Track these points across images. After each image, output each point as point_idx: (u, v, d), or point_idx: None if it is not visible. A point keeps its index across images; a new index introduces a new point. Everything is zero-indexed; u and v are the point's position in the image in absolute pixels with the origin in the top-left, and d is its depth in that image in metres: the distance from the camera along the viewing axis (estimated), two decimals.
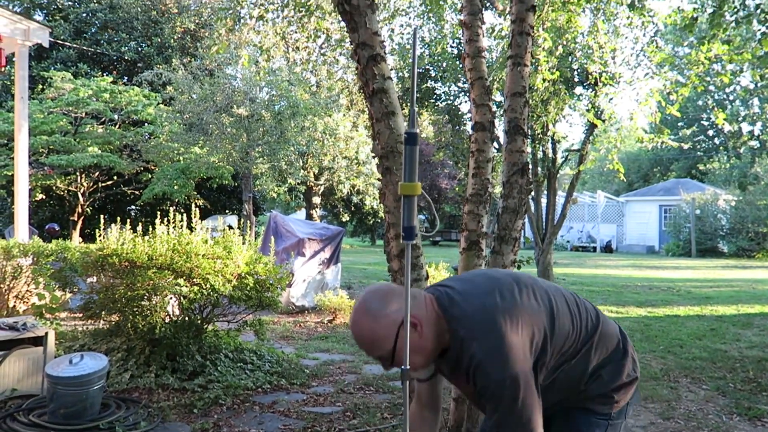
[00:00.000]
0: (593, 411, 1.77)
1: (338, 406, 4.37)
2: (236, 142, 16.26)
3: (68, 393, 3.65)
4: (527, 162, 3.02)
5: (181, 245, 4.88)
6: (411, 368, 1.60)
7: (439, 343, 1.63)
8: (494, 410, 1.56)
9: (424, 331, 1.59)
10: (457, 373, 1.64)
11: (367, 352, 1.63)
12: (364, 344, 1.62)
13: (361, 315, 1.61)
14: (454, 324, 1.61)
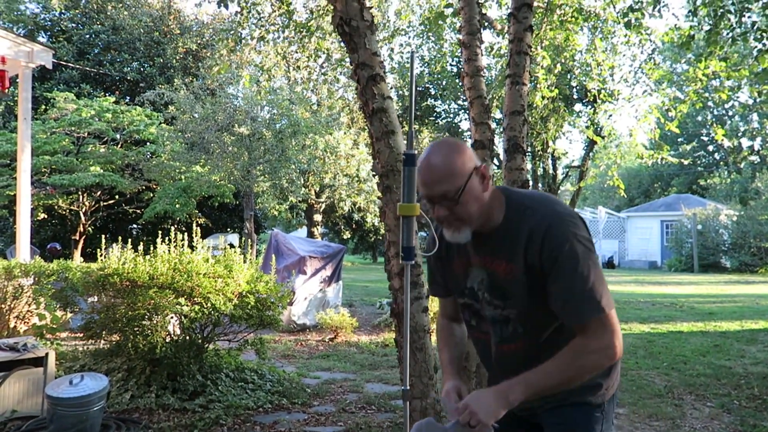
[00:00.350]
0: (587, 403, 1.71)
1: (340, 425, 4.34)
2: (237, 160, 16.33)
3: (68, 414, 3.63)
4: (527, 179, 3.04)
5: (182, 264, 4.88)
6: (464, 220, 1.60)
7: (487, 216, 1.64)
8: (558, 275, 1.54)
9: (487, 187, 1.63)
10: (501, 251, 1.63)
11: (436, 184, 1.59)
12: (438, 173, 1.58)
13: (441, 146, 1.63)
14: (517, 197, 1.66)
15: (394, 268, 2.90)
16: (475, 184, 1.59)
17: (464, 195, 1.57)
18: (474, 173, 1.59)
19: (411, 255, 1.43)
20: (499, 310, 1.65)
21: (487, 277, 1.68)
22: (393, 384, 5.55)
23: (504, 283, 1.63)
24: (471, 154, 1.64)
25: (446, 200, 1.58)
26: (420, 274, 2.92)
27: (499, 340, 1.69)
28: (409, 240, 1.42)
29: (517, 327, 1.64)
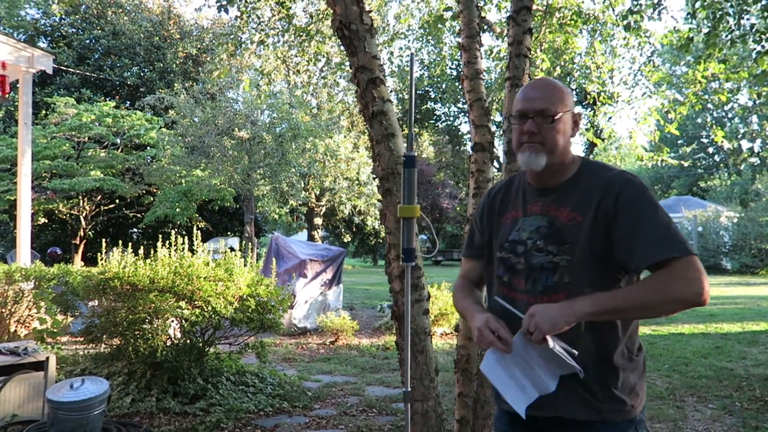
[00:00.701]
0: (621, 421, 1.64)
1: (341, 429, 4.33)
2: (238, 164, 16.36)
3: (69, 418, 3.63)
4: None
5: (183, 268, 4.88)
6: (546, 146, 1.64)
7: (560, 165, 1.69)
8: (639, 217, 1.56)
9: (573, 134, 1.71)
10: (568, 200, 1.66)
11: (540, 99, 1.66)
12: (546, 91, 1.69)
13: (553, 79, 1.75)
14: (591, 161, 1.74)
15: (395, 270, 2.90)
16: (569, 122, 1.69)
17: (559, 121, 1.65)
18: (572, 113, 1.70)
19: (412, 257, 1.43)
20: (551, 257, 1.64)
21: (546, 224, 1.68)
22: (394, 387, 5.54)
23: (564, 229, 1.64)
24: (573, 100, 1.73)
25: (541, 117, 1.65)
26: (420, 276, 2.92)
27: (541, 290, 1.64)
28: (409, 242, 1.42)
29: (564, 276, 1.62)
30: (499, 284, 1.76)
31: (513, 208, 1.79)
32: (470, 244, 1.94)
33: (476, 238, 1.90)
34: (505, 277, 1.74)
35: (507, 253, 1.74)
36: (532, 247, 1.68)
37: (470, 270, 1.94)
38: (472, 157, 3.42)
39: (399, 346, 2.98)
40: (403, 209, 1.47)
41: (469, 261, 1.95)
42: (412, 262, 1.40)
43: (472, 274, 1.93)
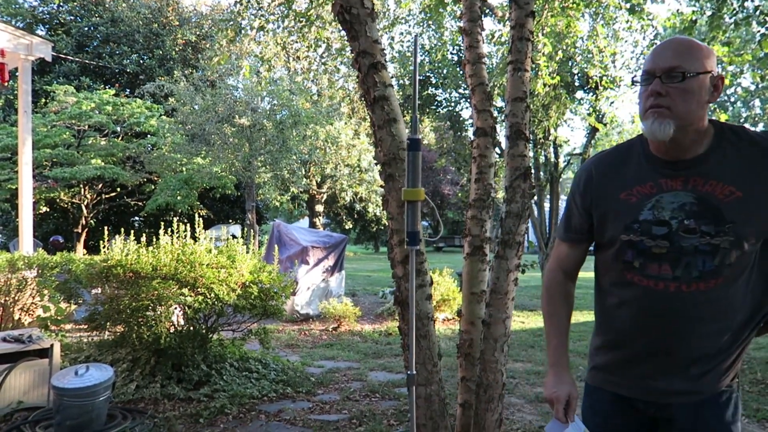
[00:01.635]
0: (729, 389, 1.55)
1: (344, 413, 4.36)
2: (238, 151, 16.32)
3: (74, 404, 3.65)
4: (529, 166, 3.03)
5: (185, 255, 4.89)
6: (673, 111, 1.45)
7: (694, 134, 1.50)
8: None
9: (712, 100, 1.50)
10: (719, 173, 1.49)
11: (672, 56, 1.46)
12: (681, 47, 1.47)
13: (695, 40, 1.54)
14: (729, 125, 1.56)
15: (397, 255, 2.90)
16: (706, 85, 1.47)
17: (692, 81, 1.44)
18: (711, 75, 1.47)
19: (416, 240, 1.42)
20: (708, 238, 1.45)
21: (694, 201, 1.48)
22: (396, 372, 5.57)
23: (723, 206, 1.45)
24: (715, 62, 1.51)
25: (671, 77, 1.44)
26: (423, 261, 2.91)
27: (697, 275, 1.47)
28: (414, 225, 1.42)
29: (726, 258, 1.45)
30: (626, 270, 1.56)
31: (637, 183, 1.56)
32: (568, 227, 1.73)
33: (575, 219, 1.70)
34: (636, 262, 1.54)
35: (638, 235, 1.53)
36: (679, 227, 1.48)
37: (567, 256, 1.75)
38: (474, 142, 3.40)
39: (402, 331, 2.99)
40: (408, 192, 1.47)
41: (566, 246, 1.75)
42: (416, 246, 1.40)
43: (570, 261, 1.74)
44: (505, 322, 2.92)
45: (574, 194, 1.70)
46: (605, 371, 1.67)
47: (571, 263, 1.75)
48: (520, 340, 7.13)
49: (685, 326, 1.50)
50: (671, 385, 1.55)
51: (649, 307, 1.53)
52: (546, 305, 1.76)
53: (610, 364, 1.66)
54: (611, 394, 1.66)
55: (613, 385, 1.65)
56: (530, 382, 5.28)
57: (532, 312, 9.61)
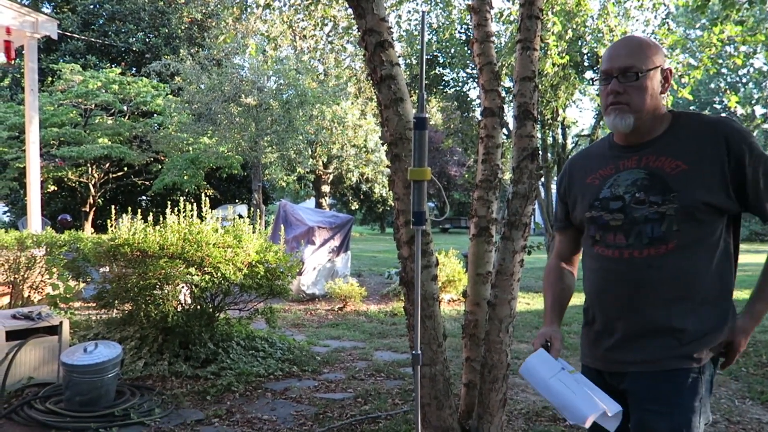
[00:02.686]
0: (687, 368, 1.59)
1: (349, 392, 4.40)
2: (245, 131, 16.27)
3: (83, 381, 3.71)
4: (537, 147, 3.00)
5: (192, 234, 4.91)
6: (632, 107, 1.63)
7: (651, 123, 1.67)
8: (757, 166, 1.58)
9: (664, 90, 1.68)
10: (669, 150, 1.63)
11: (624, 56, 1.63)
12: (631, 47, 1.65)
13: (641, 36, 1.73)
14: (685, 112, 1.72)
15: (404, 236, 2.89)
16: (657, 78, 1.65)
17: (645, 78, 1.61)
18: (661, 69, 1.66)
19: (422, 220, 1.41)
20: (655, 207, 1.60)
21: (645, 176, 1.64)
22: (402, 352, 5.61)
23: (670, 178, 1.60)
24: (663, 55, 1.69)
25: (626, 76, 1.62)
26: (429, 242, 2.91)
27: (648, 242, 1.61)
28: (420, 205, 1.41)
29: (673, 224, 1.58)
30: (593, 244, 1.74)
31: (600, 167, 1.76)
32: (557, 217, 1.96)
33: (560, 210, 1.93)
34: (597, 235, 1.72)
35: (598, 211, 1.71)
36: (631, 200, 1.64)
37: (561, 243, 1.96)
38: (481, 122, 3.37)
39: (407, 311, 3.00)
40: (414, 172, 1.45)
41: (559, 234, 1.97)
42: (422, 226, 1.39)
43: (564, 247, 1.95)
44: (510, 303, 2.92)
45: (558, 186, 1.94)
46: (583, 347, 1.86)
47: (564, 249, 1.96)
48: (525, 321, 7.15)
49: (639, 292, 1.63)
50: (627, 355, 1.66)
51: (607, 275, 1.70)
52: (544, 287, 2.01)
53: (585, 339, 1.85)
54: (587, 369, 1.82)
55: (588, 359, 1.83)
56: None
57: (537, 293, 9.63)
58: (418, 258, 1.43)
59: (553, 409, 4.03)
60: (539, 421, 3.79)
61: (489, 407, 2.91)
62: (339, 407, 4.04)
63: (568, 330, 6.73)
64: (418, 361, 1.50)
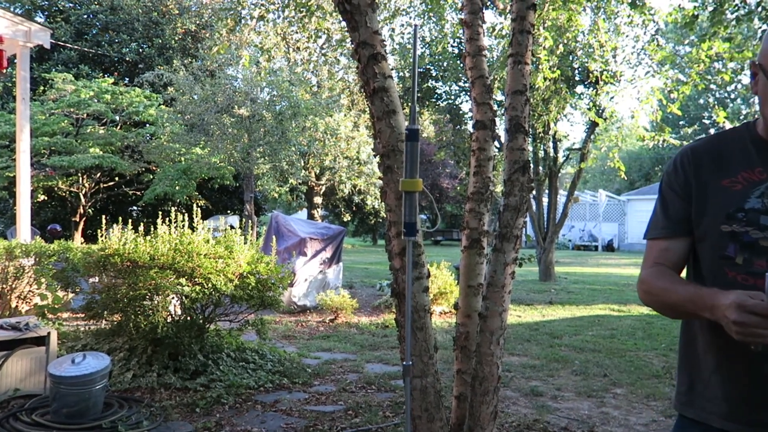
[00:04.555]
0: None
1: (340, 404, 4.38)
2: (237, 142, 16.29)
3: (71, 392, 3.66)
4: (528, 160, 3.02)
5: (183, 245, 4.89)
6: None
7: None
8: None
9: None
10: None
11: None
12: None
13: None
14: None
15: (395, 248, 2.90)
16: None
17: None
18: None
19: (413, 231, 1.41)
20: None
21: None
22: (393, 364, 5.59)
23: None
24: None
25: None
26: (421, 254, 2.91)
27: None
28: (411, 216, 1.40)
29: None
30: (726, 267, 1.33)
31: (743, 168, 1.37)
32: (666, 216, 1.45)
33: (675, 209, 1.43)
34: (739, 258, 1.32)
35: (741, 225, 1.32)
36: None
37: (666, 252, 1.43)
38: (473, 135, 3.40)
39: (398, 323, 2.99)
40: (406, 183, 1.46)
41: (664, 241, 1.44)
42: (413, 237, 1.38)
43: (671, 257, 1.42)
44: (501, 315, 2.92)
45: (669, 180, 1.46)
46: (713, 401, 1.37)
47: (675, 259, 1.43)
48: (516, 334, 7.15)
49: None
50: None
51: None
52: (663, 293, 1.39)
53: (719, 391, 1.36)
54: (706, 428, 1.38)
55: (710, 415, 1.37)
56: (525, 376, 5.30)
57: (528, 306, 9.64)
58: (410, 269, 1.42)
59: (544, 422, 4.03)
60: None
61: (480, 420, 2.90)
62: (329, 420, 4.02)
63: (559, 342, 6.74)
64: (409, 372, 1.50)
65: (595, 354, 6.17)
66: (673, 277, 1.39)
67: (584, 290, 11.92)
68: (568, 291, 11.72)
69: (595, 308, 9.50)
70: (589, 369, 5.53)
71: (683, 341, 1.49)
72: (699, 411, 1.39)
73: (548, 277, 13.29)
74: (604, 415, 4.23)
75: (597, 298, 10.77)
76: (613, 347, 6.51)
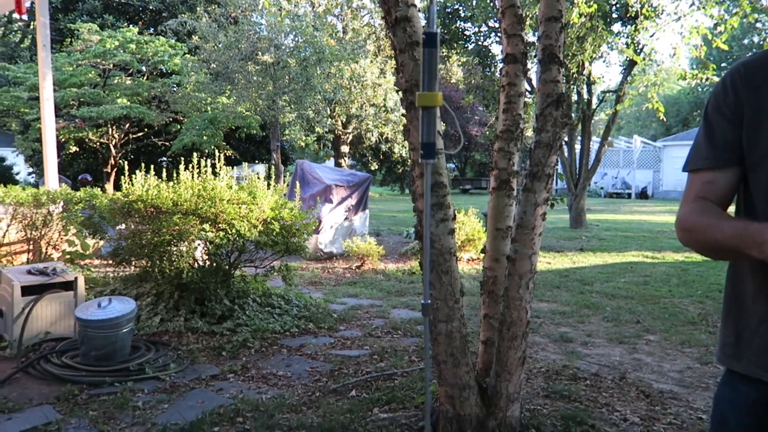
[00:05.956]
0: None
1: (366, 349, 4.35)
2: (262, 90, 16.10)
3: (98, 336, 3.69)
4: (563, 92, 2.80)
5: (206, 191, 4.83)
6: None
7: None
8: None
9: None
10: None
11: None
12: None
13: None
14: None
15: (419, 189, 2.76)
16: None
17: None
18: None
19: (432, 152, 1.24)
20: None
21: None
22: (419, 310, 5.51)
23: None
24: None
25: None
26: (446, 195, 2.77)
27: None
28: (430, 135, 1.23)
29: None
30: None
31: None
32: (712, 143, 1.25)
33: (722, 134, 1.23)
34: None
35: None
36: None
37: (710, 186, 1.24)
38: (503, 69, 3.17)
39: (422, 266, 2.89)
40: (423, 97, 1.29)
41: (709, 173, 1.25)
42: (432, 159, 1.20)
43: (716, 191, 1.24)
44: (531, 259, 2.78)
45: (717, 103, 1.26)
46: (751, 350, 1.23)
47: (717, 194, 1.24)
48: (545, 281, 7.02)
49: None
50: None
51: None
52: (699, 232, 1.22)
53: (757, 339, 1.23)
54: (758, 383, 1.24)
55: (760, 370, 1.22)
56: (555, 322, 5.20)
57: (558, 253, 9.46)
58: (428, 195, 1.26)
59: (574, 368, 3.94)
60: (559, 380, 3.70)
61: (507, 365, 2.81)
62: (354, 364, 3.99)
63: (590, 289, 6.60)
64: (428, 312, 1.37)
65: (628, 301, 6.02)
66: (719, 213, 1.21)
67: (616, 237, 11.66)
68: (600, 238, 11.47)
69: (628, 255, 9.27)
70: (620, 316, 5.39)
71: (730, 287, 1.30)
72: (748, 365, 1.23)
73: (579, 224, 13.03)
74: (636, 362, 4.12)
75: (630, 245, 10.51)
76: (646, 294, 6.34)
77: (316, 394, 3.44)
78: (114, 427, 2.97)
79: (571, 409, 3.20)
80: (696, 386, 3.66)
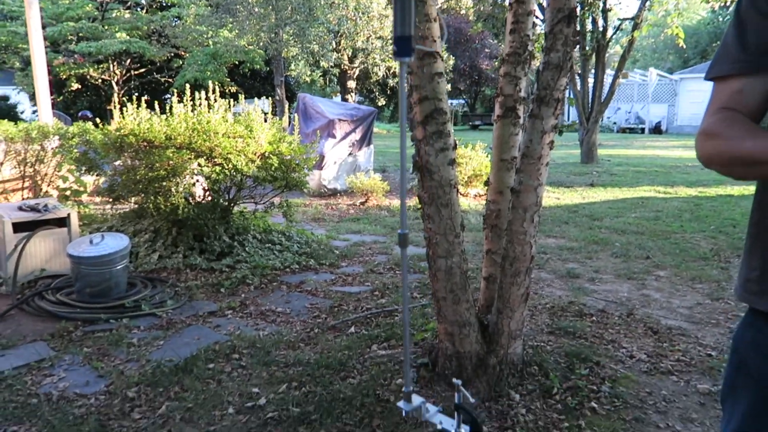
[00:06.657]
0: None
1: (367, 285, 4.26)
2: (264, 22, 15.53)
3: (92, 272, 3.62)
4: (574, 7, 2.54)
5: (200, 124, 4.64)
6: None
7: None
8: None
9: None
10: None
11: None
12: None
13: None
14: None
15: (418, 115, 2.57)
16: None
17: None
18: None
19: (407, 49, 1.02)
20: None
21: None
22: (423, 246, 5.41)
23: None
24: None
25: None
26: (446, 122, 2.58)
27: None
28: (404, 27, 1.00)
29: None
30: None
31: None
32: (743, 44, 1.03)
33: (758, 33, 1.02)
34: None
35: None
36: None
37: (739, 95, 1.04)
38: None
39: (422, 199, 2.73)
40: None
41: (738, 80, 1.04)
42: (407, 58, 0.99)
43: (747, 101, 1.04)
44: (536, 190, 2.61)
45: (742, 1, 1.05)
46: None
47: (748, 104, 1.04)
48: (553, 216, 6.86)
49: None
50: None
51: None
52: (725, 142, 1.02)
53: None
54: None
55: None
56: (562, 258, 5.07)
57: (568, 188, 9.26)
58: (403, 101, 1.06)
59: (580, 304, 3.83)
60: (564, 317, 3.60)
61: (509, 302, 2.70)
62: (355, 300, 3.91)
63: (599, 225, 6.44)
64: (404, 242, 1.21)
65: (638, 236, 5.87)
66: (748, 124, 1.01)
67: (628, 172, 11.39)
68: (611, 173, 11.21)
69: (639, 190, 9.06)
70: (630, 251, 5.26)
71: (757, 215, 1.11)
72: None
73: (590, 159, 12.73)
74: (644, 298, 4.01)
75: (641, 180, 10.27)
76: (657, 229, 6.17)
77: (315, 331, 3.37)
78: (108, 364, 2.92)
79: (576, 345, 3.10)
80: (706, 322, 3.55)
